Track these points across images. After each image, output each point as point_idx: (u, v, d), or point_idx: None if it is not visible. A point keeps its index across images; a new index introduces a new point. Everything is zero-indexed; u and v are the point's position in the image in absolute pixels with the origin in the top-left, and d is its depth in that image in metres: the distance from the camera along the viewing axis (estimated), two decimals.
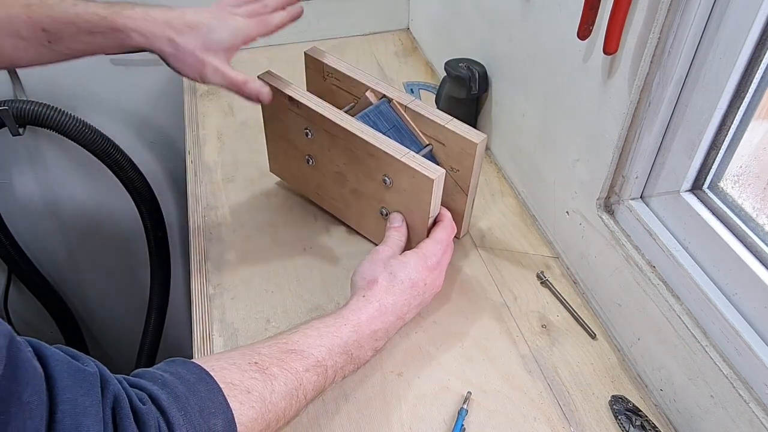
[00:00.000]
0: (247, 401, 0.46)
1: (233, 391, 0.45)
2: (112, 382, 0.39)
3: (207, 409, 0.43)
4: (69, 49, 0.58)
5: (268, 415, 0.47)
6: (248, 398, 0.46)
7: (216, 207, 0.81)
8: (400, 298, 0.60)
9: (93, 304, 1.49)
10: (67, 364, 0.37)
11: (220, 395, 0.44)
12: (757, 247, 0.52)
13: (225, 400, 0.44)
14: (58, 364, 0.36)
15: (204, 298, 0.70)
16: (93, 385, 0.37)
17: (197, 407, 0.42)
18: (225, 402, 0.44)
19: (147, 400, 0.40)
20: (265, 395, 0.47)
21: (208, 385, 0.44)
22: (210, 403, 0.43)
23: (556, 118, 0.71)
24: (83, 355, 0.40)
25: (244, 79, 0.61)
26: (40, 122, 1.02)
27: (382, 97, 0.71)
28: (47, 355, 0.36)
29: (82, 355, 0.39)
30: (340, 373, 0.56)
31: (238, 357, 0.49)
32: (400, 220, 0.67)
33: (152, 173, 1.25)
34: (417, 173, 0.62)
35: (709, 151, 0.55)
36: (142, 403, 0.40)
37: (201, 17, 0.60)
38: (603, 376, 0.63)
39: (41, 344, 0.37)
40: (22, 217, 1.25)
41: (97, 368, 0.39)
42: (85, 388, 0.36)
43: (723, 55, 0.50)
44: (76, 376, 0.37)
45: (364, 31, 1.19)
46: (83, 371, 0.37)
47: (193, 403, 0.42)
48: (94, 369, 0.38)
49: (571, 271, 0.73)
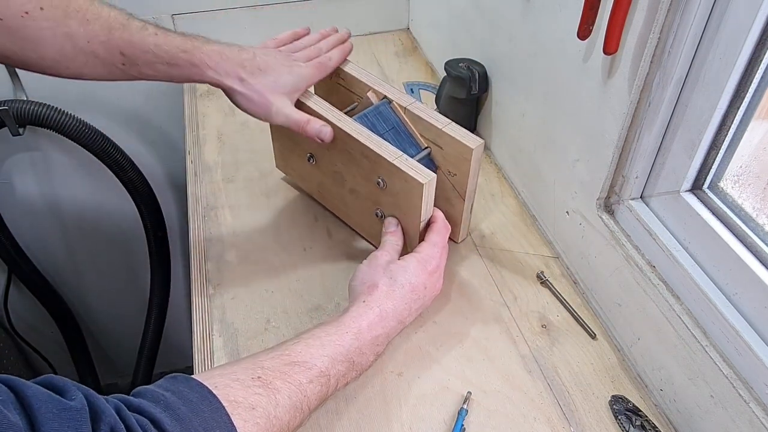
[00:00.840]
0: (251, 418, 0.45)
1: (237, 409, 0.45)
2: (107, 413, 0.37)
3: (211, 429, 0.42)
4: (140, 73, 0.60)
5: (273, 430, 0.47)
6: (252, 415, 0.45)
7: (216, 207, 0.81)
8: (401, 302, 0.60)
9: (93, 304, 1.49)
10: (50, 403, 0.35)
11: (224, 414, 0.44)
12: (757, 247, 0.52)
13: (229, 419, 0.44)
14: (42, 404, 0.34)
15: (204, 298, 0.70)
16: (81, 423, 0.35)
17: (201, 429, 0.42)
18: (229, 421, 0.43)
19: (149, 426, 0.39)
20: (270, 410, 0.47)
21: (211, 405, 0.44)
22: (214, 423, 0.43)
23: (556, 118, 0.71)
24: (71, 387, 0.37)
25: (306, 119, 0.65)
26: (40, 122, 1.02)
27: (383, 98, 0.71)
28: (28, 396, 0.34)
29: (70, 387, 0.37)
30: (343, 380, 0.56)
31: (241, 372, 0.48)
32: (395, 225, 0.67)
33: (152, 173, 1.25)
34: (408, 177, 0.62)
35: (709, 151, 0.55)
36: (144, 431, 0.39)
37: (270, 61, 0.65)
38: (603, 376, 0.63)
39: (21, 384, 0.35)
40: (22, 217, 1.25)
41: (86, 400, 0.37)
42: (73, 428, 0.34)
43: (723, 55, 0.50)
44: (62, 416, 0.35)
45: (364, 31, 1.19)
46: (69, 409, 0.35)
47: (197, 425, 0.42)
48: (82, 403, 0.36)
49: (571, 271, 0.73)
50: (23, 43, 0.55)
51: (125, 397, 0.42)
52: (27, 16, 0.54)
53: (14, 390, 0.35)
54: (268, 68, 0.64)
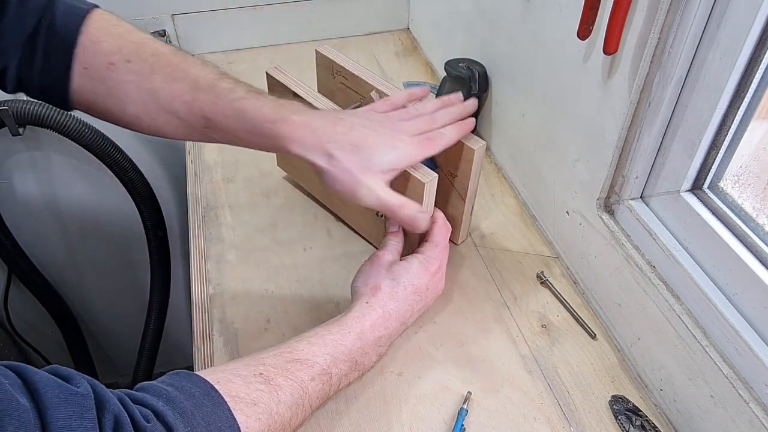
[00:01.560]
0: (253, 414, 0.45)
1: (239, 404, 0.45)
2: (111, 401, 0.38)
3: (213, 423, 0.42)
4: (222, 137, 0.57)
5: (275, 426, 0.47)
6: (254, 411, 0.46)
7: (216, 207, 0.81)
8: (403, 303, 0.60)
9: (93, 304, 1.49)
10: (57, 388, 0.36)
11: (226, 409, 0.44)
12: (757, 247, 0.52)
13: (231, 414, 0.44)
14: (48, 389, 0.35)
15: (204, 298, 0.70)
16: (87, 408, 0.36)
17: (204, 423, 0.42)
18: (231, 416, 0.44)
19: (152, 418, 0.40)
20: (271, 406, 0.47)
21: (213, 399, 0.44)
22: (216, 417, 0.43)
23: (556, 118, 0.71)
24: (76, 375, 0.38)
25: (399, 204, 0.57)
26: (40, 122, 1.02)
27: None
28: (35, 381, 0.35)
29: (75, 375, 0.38)
30: (345, 380, 0.56)
31: (243, 368, 0.49)
32: (396, 226, 0.67)
33: (152, 173, 1.25)
34: (410, 176, 0.62)
35: (709, 151, 0.55)
36: (147, 421, 0.39)
37: (368, 136, 0.56)
38: (603, 376, 0.63)
39: (29, 369, 0.36)
40: (22, 217, 1.25)
41: (91, 388, 0.37)
42: (78, 413, 0.35)
43: (723, 55, 0.50)
44: (68, 401, 0.35)
45: (364, 31, 1.19)
46: (75, 395, 0.36)
47: (200, 419, 0.42)
48: (88, 390, 0.37)
49: (571, 271, 0.73)
50: (106, 95, 0.54)
51: (128, 391, 0.42)
52: (112, 67, 0.54)
53: (22, 376, 0.35)
54: (364, 145, 0.56)
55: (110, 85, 0.54)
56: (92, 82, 0.54)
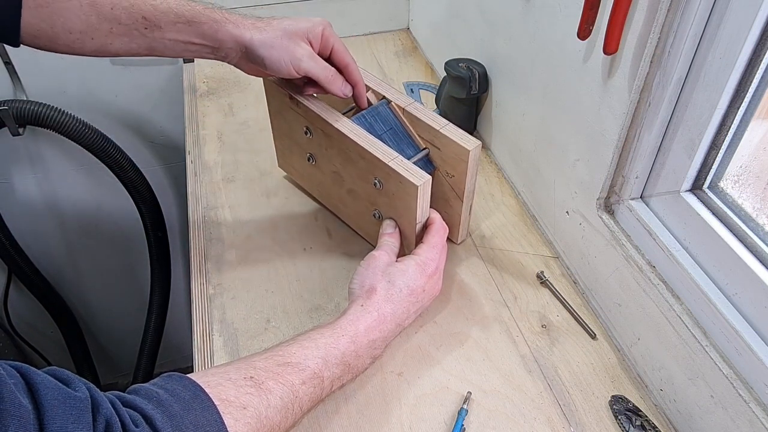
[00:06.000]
0: (242, 417, 0.46)
1: (228, 408, 0.45)
2: (104, 405, 0.39)
3: (202, 427, 0.43)
4: (162, 37, 0.61)
5: (263, 430, 0.47)
6: (243, 414, 0.46)
7: (216, 207, 0.81)
8: (399, 306, 0.60)
9: (93, 304, 1.49)
10: (57, 391, 0.37)
11: (215, 413, 0.44)
12: (757, 247, 0.52)
13: (220, 418, 0.44)
14: (48, 391, 0.36)
15: (204, 298, 0.70)
16: (83, 412, 0.37)
17: (192, 426, 0.43)
18: (220, 420, 0.44)
19: (140, 422, 0.40)
20: (261, 410, 0.47)
21: (203, 403, 0.45)
22: (205, 421, 0.44)
23: (556, 118, 0.71)
24: (75, 378, 0.39)
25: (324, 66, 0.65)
26: (40, 122, 1.02)
27: (381, 98, 0.71)
28: (36, 382, 0.36)
29: (74, 379, 0.39)
30: (337, 382, 0.56)
31: (233, 372, 0.49)
32: (392, 227, 0.67)
33: (152, 173, 1.25)
34: (403, 179, 0.62)
35: (709, 151, 0.55)
36: (135, 425, 0.40)
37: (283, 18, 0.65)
38: (603, 376, 0.63)
39: (31, 371, 0.37)
40: (22, 217, 1.25)
41: (88, 392, 0.39)
42: (75, 416, 0.36)
43: (723, 55, 0.50)
44: (67, 404, 0.37)
45: (364, 31, 1.19)
46: (73, 398, 0.37)
47: (188, 423, 0.42)
48: (85, 394, 0.38)
49: (571, 271, 0.73)
50: (52, 18, 0.56)
51: (119, 393, 0.43)
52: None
53: (24, 377, 0.36)
54: (283, 18, 0.64)
55: (55, 8, 0.57)
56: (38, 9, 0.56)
